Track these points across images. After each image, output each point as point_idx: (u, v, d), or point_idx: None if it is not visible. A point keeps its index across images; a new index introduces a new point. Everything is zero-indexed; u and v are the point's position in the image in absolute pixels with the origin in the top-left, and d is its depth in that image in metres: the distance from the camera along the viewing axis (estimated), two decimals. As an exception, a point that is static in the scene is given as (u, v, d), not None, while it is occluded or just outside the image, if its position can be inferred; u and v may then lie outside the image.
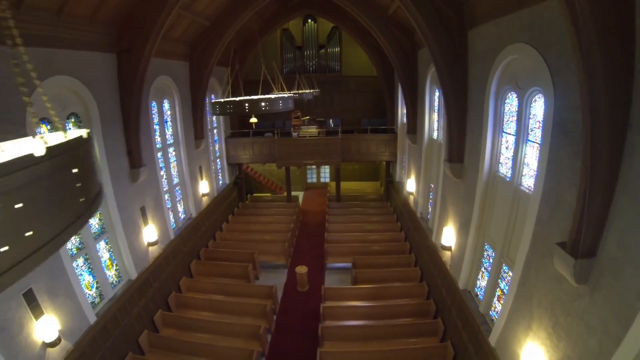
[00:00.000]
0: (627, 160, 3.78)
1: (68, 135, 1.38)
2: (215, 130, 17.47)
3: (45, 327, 7.04)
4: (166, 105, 12.72)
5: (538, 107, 5.94)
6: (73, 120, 8.54)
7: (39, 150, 1.04)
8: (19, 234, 1.00)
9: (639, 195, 3.71)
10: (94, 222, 9.24)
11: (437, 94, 11.81)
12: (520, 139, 6.54)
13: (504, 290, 7.14)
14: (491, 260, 7.77)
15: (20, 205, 0.97)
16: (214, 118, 17.19)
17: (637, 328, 3.73)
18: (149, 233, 10.99)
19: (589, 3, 3.22)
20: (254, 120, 9.17)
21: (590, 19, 3.23)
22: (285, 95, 8.28)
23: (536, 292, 5.62)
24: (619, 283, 3.99)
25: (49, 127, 7.68)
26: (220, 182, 18.21)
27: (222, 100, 7.63)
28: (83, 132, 1.45)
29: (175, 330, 10.48)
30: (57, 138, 1.41)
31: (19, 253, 1.01)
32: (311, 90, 15.47)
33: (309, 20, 20.22)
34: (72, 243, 8.42)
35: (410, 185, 14.94)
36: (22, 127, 6.56)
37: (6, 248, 0.95)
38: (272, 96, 7.41)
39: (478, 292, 8.44)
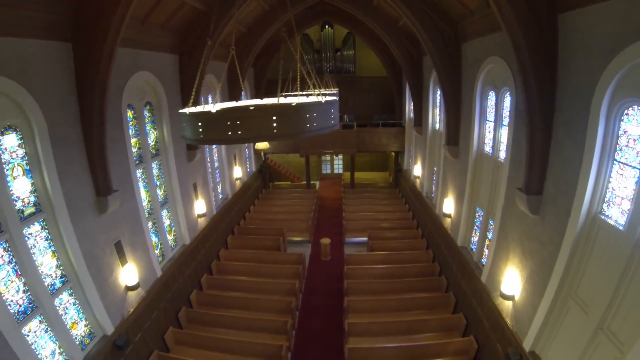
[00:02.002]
0: (555, 131, 6.07)
1: (324, 98, 3.71)
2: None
3: (128, 273, 8.50)
4: (210, 98, 14.96)
5: (507, 101, 8.27)
6: (148, 107, 10.33)
7: (321, 100, 3.43)
8: (312, 122, 3.38)
9: (563, 153, 5.96)
10: (159, 192, 10.91)
11: (438, 92, 14.07)
12: (497, 124, 8.90)
13: (491, 240, 9.33)
14: (481, 219, 10.07)
15: (315, 115, 3.35)
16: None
17: (568, 234, 5.84)
18: (199, 206, 12.99)
19: (524, 36, 5.50)
20: None
21: (524, 45, 5.52)
22: (334, 92, 10.60)
23: (510, 230, 7.88)
24: (555, 208, 6.24)
25: (132, 111, 9.48)
26: (248, 169, 20.45)
27: (286, 94, 9.93)
28: (336, 98, 3.79)
29: (219, 291, 12.23)
30: (320, 99, 3.77)
31: (317, 128, 3.41)
32: (334, 90, 17.63)
33: (327, 26, 22.44)
34: (145, 208, 9.89)
35: (417, 170, 17.24)
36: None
37: (315, 124, 3.34)
38: (327, 92, 9.79)
39: (472, 247, 10.68)
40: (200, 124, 3.18)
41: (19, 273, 6.09)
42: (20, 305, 6.07)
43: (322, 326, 11.04)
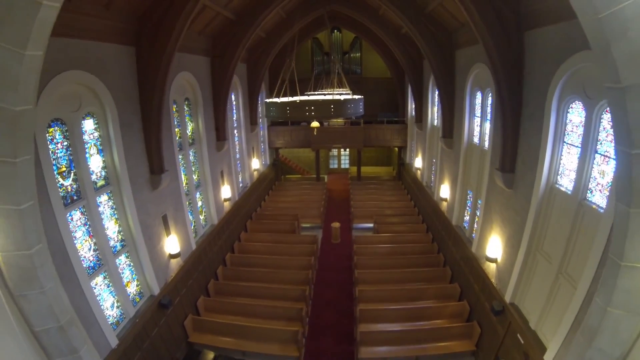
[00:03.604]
0: (522, 121, 7.79)
1: (353, 95, 5.51)
2: (260, 119, 21.02)
3: (171, 243, 9.72)
4: (233, 96, 16.49)
5: (490, 99, 9.94)
6: (187, 102, 11.68)
7: (351, 95, 5.24)
8: (351, 109, 5.22)
9: (528, 138, 7.66)
10: (194, 176, 12.17)
11: (436, 92, 15.68)
12: (483, 119, 10.61)
13: (479, 215, 10.93)
14: (471, 200, 11.73)
15: (352, 105, 5.16)
16: (260, 109, 20.84)
17: (533, 202, 7.43)
18: (225, 191, 14.50)
19: (496, 48, 7.22)
20: None
21: (496, 55, 7.24)
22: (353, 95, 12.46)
23: (493, 204, 9.56)
24: (524, 182, 7.91)
25: (175, 105, 10.76)
26: (264, 162, 22.07)
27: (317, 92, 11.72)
28: (360, 97, 5.59)
29: (241, 267, 13.61)
30: (346, 95, 5.60)
31: (353, 112, 5.27)
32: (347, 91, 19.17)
33: (335, 31, 24.25)
34: (183, 189, 10.98)
35: (418, 162, 18.97)
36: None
37: (352, 110, 5.17)
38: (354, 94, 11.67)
39: (465, 225, 12.34)
40: (288, 108, 4.99)
41: (91, 234, 7.29)
42: (90, 261, 7.24)
43: (334, 296, 12.59)
